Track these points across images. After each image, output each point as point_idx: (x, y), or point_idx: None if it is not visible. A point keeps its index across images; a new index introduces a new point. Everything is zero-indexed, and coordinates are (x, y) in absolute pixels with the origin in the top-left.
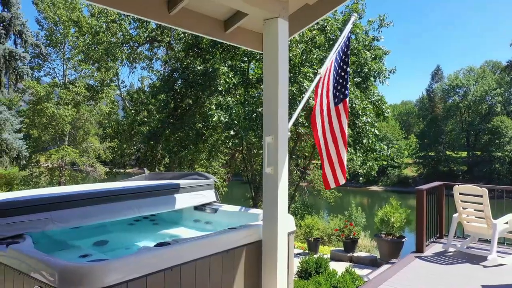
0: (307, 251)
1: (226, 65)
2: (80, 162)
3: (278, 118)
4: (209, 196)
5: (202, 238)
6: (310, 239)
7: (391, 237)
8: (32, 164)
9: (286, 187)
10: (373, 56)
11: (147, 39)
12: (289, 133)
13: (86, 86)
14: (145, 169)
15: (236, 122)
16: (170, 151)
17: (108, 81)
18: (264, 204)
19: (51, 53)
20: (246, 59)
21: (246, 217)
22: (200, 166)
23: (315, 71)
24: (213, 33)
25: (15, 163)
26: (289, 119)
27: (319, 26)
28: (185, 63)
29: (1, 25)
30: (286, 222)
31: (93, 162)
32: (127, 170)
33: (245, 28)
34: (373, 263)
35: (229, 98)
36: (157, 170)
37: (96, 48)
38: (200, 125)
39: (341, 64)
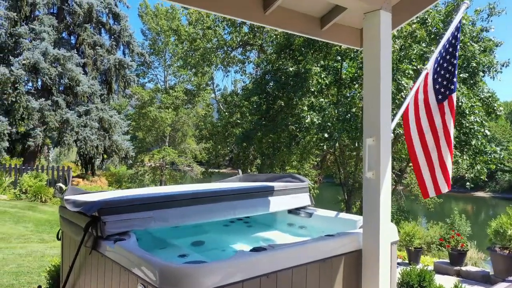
0: (406, 261)
1: (319, 65)
2: (179, 162)
3: (380, 118)
4: (303, 199)
5: (299, 245)
6: (410, 248)
7: (508, 252)
8: (138, 163)
9: (389, 193)
10: (482, 49)
11: (240, 43)
12: (392, 135)
13: (184, 90)
14: (239, 170)
15: (330, 124)
16: (263, 153)
17: (204, 85)
18: (364, 211)
19: (154, 61)
20: (339, 58)
21: (343, 224)
22: (291, 167)
23: (415, 67)
24: (308, 31)
25: (123, 162)
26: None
27: (419, 19)
28: (277, 65)
29: (112, 37)
30: (388, 231)
31: (190, 162)
32: (221, 170)
33: (342, 24)
34: (486, 280)
35: (322, 99)
36: (249, 171)
37: (193, 54)
38: (292, 127)
39: (447, 56)
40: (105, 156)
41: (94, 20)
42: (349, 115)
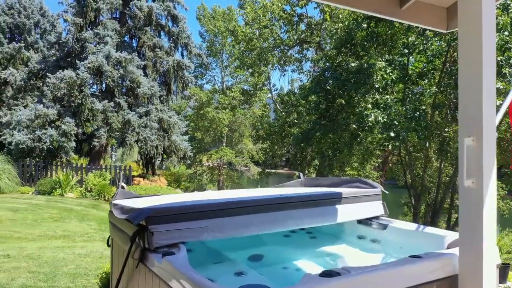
0: None
1: (383, 59)
2: (236, 162)
3: (483, 112)
4: (376, 208)
5: (379, 269)
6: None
7: None
8: (196, 163)
9: (494, 206)
10: None
11: (297, 42)
12: (496, 133)
13: (241, 90)
14: (300, 174)
15: (396, 123)
16: (322, 153)
17: (261, 85)
18: (461, 227)
19: (211, 63)
20: (406, 51)
21: (427, 240)
22: (352, 169)
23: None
24: (385, 10)
25: (182, 162)
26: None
27: (499, 4)
28: (336, 62)
29: (171, 39)
30: (493, 252)
31: (247, 163)
32: (278, 171)
33: (425, 2)
34: None
35: (387, 96)
36: (306, 172)
37: (250, 54)
38: (354, 126)
39: None
40: (164, 156)
41: (154, 23)
42: (418, 113)
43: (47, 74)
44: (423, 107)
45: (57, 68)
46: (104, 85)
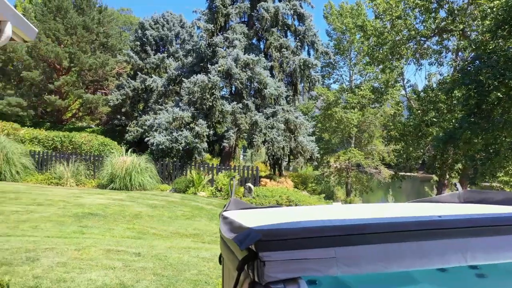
0: None
1: None
2: (365, 164)
3: None
4: None
5: None
6: None
7: None
8: (323, 165)
9: None
10: None
11: (435, 31)
12: None
13: (371, 88)
14: (457, 184)
15: None
16: (471, 157)
17: (393, 82)
18: None
19: (338, 61)
20: None
21: None
22: (506, 174)
23: None
24: None
25: (308, 163)
26: None
27: None
28: (490, 47)
29: (297, 38)
30: None
31: (378, 165)
32: (412, 174)
33: None
34: None
35: None
36: (447, 176)
37: (381, 49)
38: None
39: None
40: (291, 157)
41: (280, 23)
42: None
43: (183, 79)
44: None
45: (191, 73)
46: (233, 88)
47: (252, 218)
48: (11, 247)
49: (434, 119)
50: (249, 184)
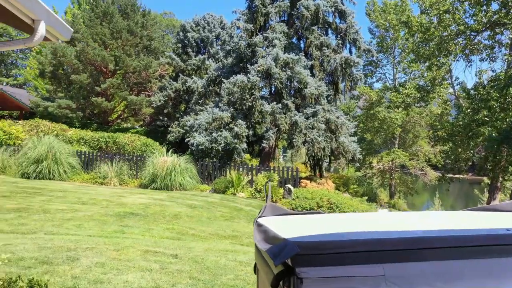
0: None
1: None
2: (410, 165)
3: None
4: None
5: None
6: None
7: None
8: (366, 166)
9: None
10: None
11: (487, 25)
12: None
13: (416, 87)
14: None
15: None
16: None
17: (440, 80)
18: None
19: (381, 59)
20: None
21: None
22: None
23: None
24: None
25: (350, 164)
26: None
27: None
28: None
29: (339, 36)
30: None
31: (423, 166)
32: (461, 177)
33: None
34: None
35: None
36: (500, 179)
37: (427, 46)
38: None
39: None
40: (332, 158)
41: (321, 21)
42: None
43: (223, 79)
44: None
45: (231, 74)
46: (273, 87)
47: (289, 227)
48: (54, 245)
49: (486, 118)
50: (289, 186)
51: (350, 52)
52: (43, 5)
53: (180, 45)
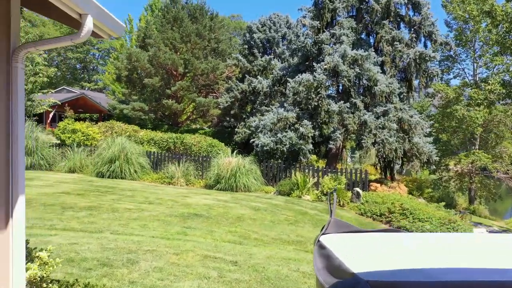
0: None
1: None
2: (493, 168)
3: None
4: None
5: None
6: None
7: None
8: (442, 168)
9: None
10: None
11: None
12: None
13: (501, 82)
14: None
15: None
16: None
17: None
18: None
19: (460, 54)
20: None
21: None
22: None
23: None
24: None
25: (425, 167)
26: None
27: None
28: None
29: (412, 29)
30: None
31: (508, 169)
32: None
33: None
34: None
35: None
36: None
37: None
38: None
39: None
40: (404, 159)
41: (392, 14)
42: None
43: (288, 79)
44: None
45: (296, 73)
46: (340, 86)
47: (358, 251)
48: (116, 246)
49: None
50: (357, 189)
51: (425, 46)
52: None
53: (246, 46)
